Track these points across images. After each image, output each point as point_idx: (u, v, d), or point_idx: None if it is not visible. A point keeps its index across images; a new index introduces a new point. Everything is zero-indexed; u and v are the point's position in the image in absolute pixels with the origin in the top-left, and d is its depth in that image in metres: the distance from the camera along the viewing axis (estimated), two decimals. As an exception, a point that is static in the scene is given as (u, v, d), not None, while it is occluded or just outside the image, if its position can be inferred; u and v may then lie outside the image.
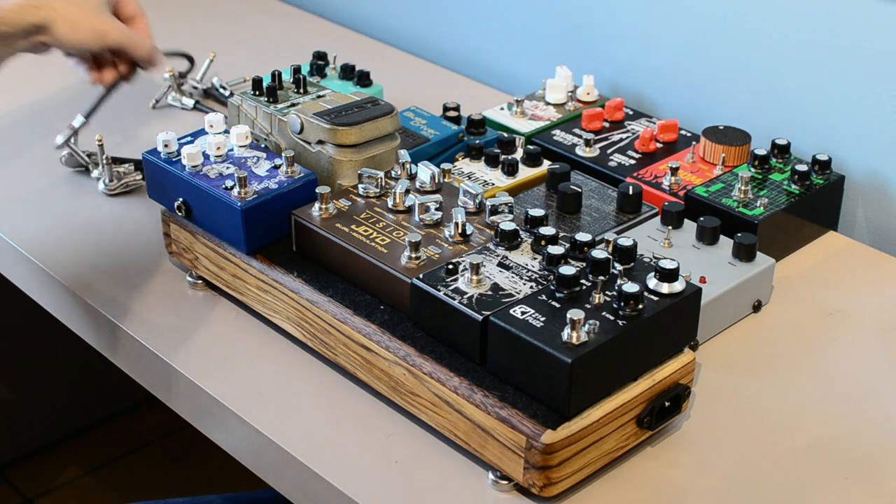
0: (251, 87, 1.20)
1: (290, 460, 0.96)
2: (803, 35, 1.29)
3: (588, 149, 1.26)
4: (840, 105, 1.29)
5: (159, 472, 2.06)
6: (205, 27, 1.75)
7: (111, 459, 2.07)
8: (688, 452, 0.96)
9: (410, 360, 0.96)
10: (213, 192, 1.08)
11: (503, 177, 1.18)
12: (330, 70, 1.42)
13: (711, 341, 1.08)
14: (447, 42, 1.68)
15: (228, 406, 1.01)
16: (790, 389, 1.02)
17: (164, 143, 1.13)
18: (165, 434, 2.10)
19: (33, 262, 1.20)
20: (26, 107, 1.52)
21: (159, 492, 1.95)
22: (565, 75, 1.38)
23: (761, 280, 1.10)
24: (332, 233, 1.04)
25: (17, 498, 2.01)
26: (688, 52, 1.41)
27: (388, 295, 1.00)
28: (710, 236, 1.11)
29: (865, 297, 1.15)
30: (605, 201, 1.14)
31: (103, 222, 1.27)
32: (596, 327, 0.88)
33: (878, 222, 1.28)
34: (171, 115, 1.48)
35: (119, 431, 2.10)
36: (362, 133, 1.11)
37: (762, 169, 1.21)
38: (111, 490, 2.02)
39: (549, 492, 0.90)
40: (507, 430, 0.89)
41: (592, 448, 0.90)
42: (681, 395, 0.95)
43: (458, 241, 1.02)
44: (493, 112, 1.34)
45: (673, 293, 0.93)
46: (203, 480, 2.01)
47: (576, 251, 0.97)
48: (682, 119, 1.39)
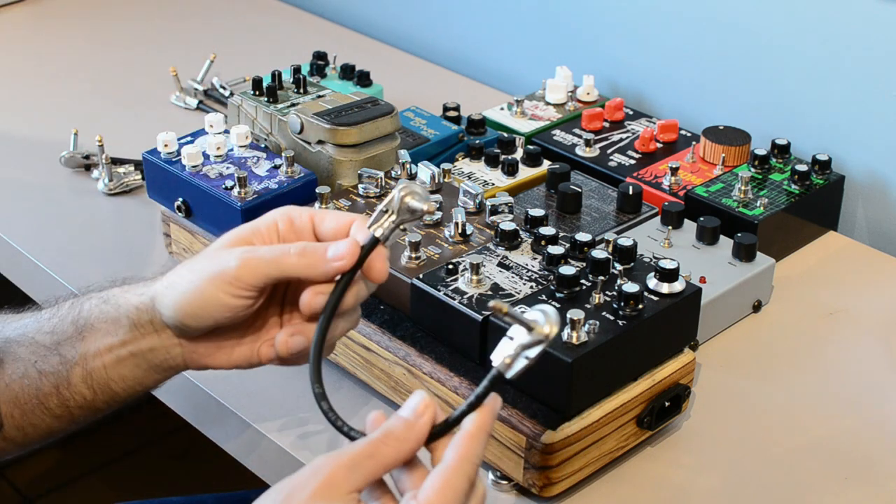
0: (251, 87, 1.20)
1: (290, 460, 0.96)
2: (803, 35, 1.29)
3: (588, 149, 1.26)
4: (840, 105, 1.29)
5: (159, 472, 2.06)
6: (205, 27, 1.75)
7: (111, 459, 2.07)
8: (688, 452, 0.96)
9: (410, 360, 0.96)
10: (213, 192, 1.08)
11: (503, 177, 1.18)
12: (330, 70, 1.42)
13: (711, 341, 1.08)
14: (447, 42, 1.68)
15: (228, 406, 1.01)
16: (790, 389, 1.02)
17: (164, 143, 1.13)
18: (165, 434, 2.10)
19: (33, 262, 1.20)
20: (26, 107, 1.52)
21: (159, 492, 1.95)
22: (565, 75, 1.38)
23: (761, 280, 1.10)
24: (332, 233, 1.04)
25: (17, 498, 2.01)
26: (688, 52, 1.41)
27: (388, 295, 1.00)
28: (710, 236, 1.11)
29: (865, 297, 1.15)
30: (605, 201, 1.14)
31: (103, 222, 1.27)
32: (596, 327, 0.88)
33: (878, 222, 1.28)
34: (171, 115, 1.48)
35: (119, 431, 2.10)
36: (362, 133, 1.11)
37: (762, 169, 1.21)
38: (111, 490, 2.01)
39: (549, 492, 0.90)
40: (507, 430, 0.89)
41: (592, 448, 0.90)
42: (681, 395, 0.95)
43: (458, 241, 1.02)
44: (493, 112, 1.34)
45: (673, 293, 0.93)
46: (203, 480, 2.01)
47: (576, 251, 0.97)
48: (682, 119, 1.39)
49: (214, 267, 0.79)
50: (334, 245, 0.79)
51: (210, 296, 0.79)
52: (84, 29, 1.74)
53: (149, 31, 1.73)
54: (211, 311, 0.79)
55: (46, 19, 1.76)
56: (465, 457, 0.70)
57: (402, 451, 0.70)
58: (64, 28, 1.73)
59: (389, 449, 0.69)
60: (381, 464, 0.69)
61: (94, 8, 1.80)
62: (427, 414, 0.71)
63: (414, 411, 0.71)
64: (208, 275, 0.79)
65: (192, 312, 0.80)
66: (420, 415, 0.71)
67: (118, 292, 0.86)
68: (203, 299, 0.79)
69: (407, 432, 0.70)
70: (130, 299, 0.84)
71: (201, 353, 0.84)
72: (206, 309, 0.79)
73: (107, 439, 2.09)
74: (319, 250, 0.78)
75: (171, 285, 0.82)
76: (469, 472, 0.70)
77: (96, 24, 1.75)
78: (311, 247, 0.79)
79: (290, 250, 0.78)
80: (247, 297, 0.79)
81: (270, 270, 0.78)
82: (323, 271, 0.78)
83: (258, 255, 0.78)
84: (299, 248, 0.79)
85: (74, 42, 1.69)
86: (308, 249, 0.79)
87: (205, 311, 0.79)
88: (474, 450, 0.70)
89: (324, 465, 0.68)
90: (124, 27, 1.75)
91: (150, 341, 0.83)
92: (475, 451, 0.70)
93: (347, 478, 0.68)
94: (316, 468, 0.68)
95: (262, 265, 0.78)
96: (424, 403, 0.71)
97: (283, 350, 0.82)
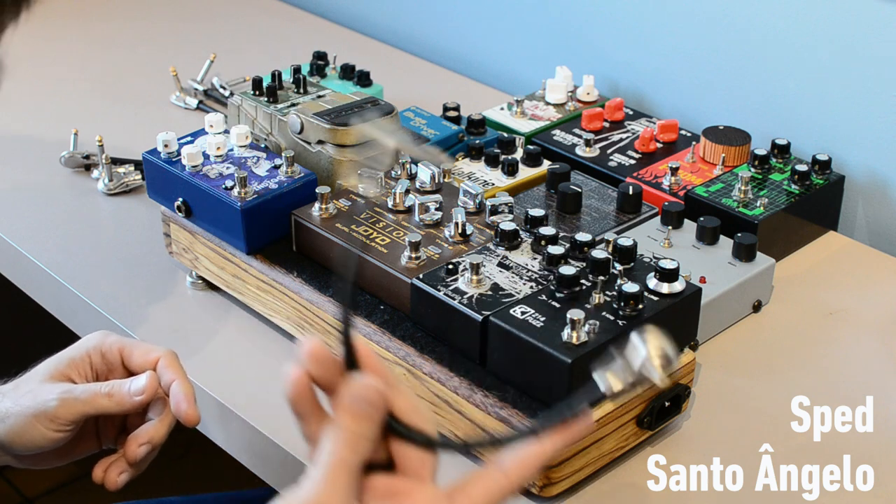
0: (251, 87, 1.20)
1: (290, 460, 0.96)
2: (803, 35, 1.29)
3: (588, 149, 1.26)
4: (840, 105, 1.29)
5: (159, 472, 2.06)
6: (205, 27, 1.75)
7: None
8: (688, 452, 0.96)
9: (410, 360, 0.96)
10: (213, 192, 1.08)
11: (503, 177, 1.18)
12: (330, 70, 1.42)
13: (711, 341, 1.08)
14: (447, 42, 1.68)
15: (228, 406, 1.01)
16: (790, 389, 1.02)
17: (164, 143, 1.13)
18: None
19: (33, 262, 1.20)
20: (26, 107, 1.52)
21: (159, 492, 1.95)
22: (565, 75, 1.38)
23: (761, 280, 1.10)
24: (332, 233, 1.04)
25: (17, 498, 2.01)
26: (688, 52, 1.41)
27: (388, 295, 1.00)
28: (710, 236, 1.11)
29: (865, 297, 1.15)
30: (605, 201, 1.14)
31: (103, 222, 1.27)
32: (596, 327, 0.88)
33: (878, 222, 1.28)
34: (171, 115, 1.48)
35: (119, 431, 2.10)
36: (362, 133, 1.11)
37: (762, 169, 1.21)
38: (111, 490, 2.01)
39: (549, 492, 0.90)
40: (507, 430, 0.89)
41: (592, 448, 0.90)
42: (681, 395, 0.95)
43: (458, 241, 1.01)
44: (493, 112, 1.34)
45: (673, 293, 0.93)
46: (203, 480, 2.00)
47: (576, 251, 0.97)
48: (682, 119, 1.39)
49: (37, 405, 0.90)
50: (136, 381, 0.92)
51: (35, 431, 0.90)
52: (84, 29, 1.74)
53: (149, 31, 1.73)
54: (36, 443, 0.91)
55: (46, 19, 1.76)
56: (522, 477, 0.68)
57: (372, 447, 0.67)
58: (64, 28, 1.73)
59: (361, 455, 0.66)
60: (360, 468, 0.66)
61: (94, 8, 1.80)
62: (381, 406, 0.67)
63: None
64: (31, 412, 0.90)
65: (20, 443, 0.91)
66: (377, 407, 0.67)
67: None
68: (28, 434, 0.91)
69: (368, 429, 0.66)
70: None
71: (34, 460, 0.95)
72: (32, 441, 0.91)
73: (107, 439, 2.09)
74: (124, 389, 0.91)
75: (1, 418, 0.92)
76: (514, 494, 0.69)
77: (96, 24, 1.75)
78: (117, 386, 0.91)
79: (101, 390, 0.91)
80: (66, 431, 0.91)
81: (86, 409, 0.91)
82: (130, 407, 0.91)
83: (74, 396, 0.91)
84: (108, 389, 0.91)
85: (74, 42, 1.69)
86: (114, 390, 0.91)
87: (31, 443, 0.91)
88: (535, 472, 0.69)
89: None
90: (124, 27, 1.75)
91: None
92: (535, 474, 0.70)
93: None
94: None
95: (79, 405, 0.90)
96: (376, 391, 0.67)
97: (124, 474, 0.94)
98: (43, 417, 0.90)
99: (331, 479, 0.65)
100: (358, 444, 0.66)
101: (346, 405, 0.66)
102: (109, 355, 0.94)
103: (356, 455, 0.66)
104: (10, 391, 0.93)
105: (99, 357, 0.94)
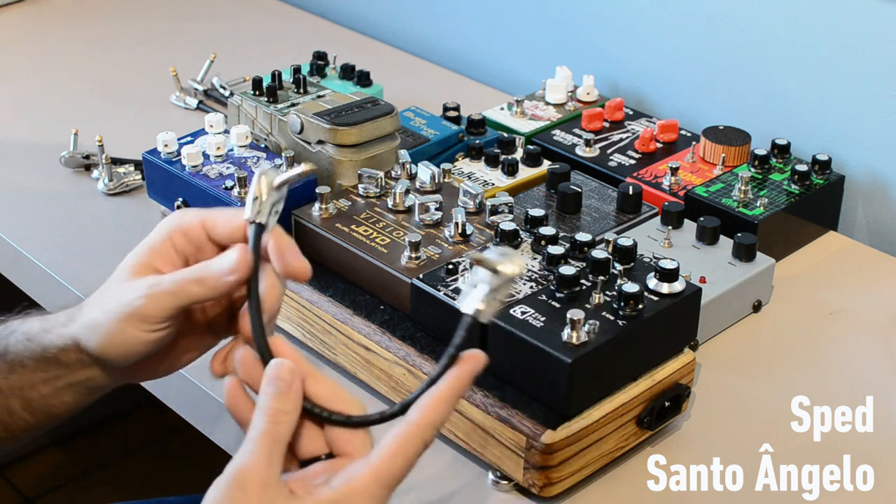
0: (251, 87, 1.20)
1: (290, 460, 0.96)
2: (803, 35, 1.29)
3: (588, 149, 1.26)
4: (840, 105, 1.29)
5: (159, 472, 2.06)
6: (205, 27, 1.75)
7: (111, 459, 2.07)
8: (688, 452, 0.96)
9: (410, 360, 0.96)
10: (213, 192, 1.08)
11: (503, 177, 1.18)
12: (330, 70, 1.42)
13: (711, 341, 1.08)
14: (447, 42, 1.68)
15: (228, 406, 1.01)
16: (790, 389, 1.02)
17: (164, 143, 1.13)
18: (165, 434, 2.10)
19: (33, 262, 1.20)
20: (26, 107, 1.52)
21: (159, 492, 1.95)
22: (565, 75, 1.38)
23: (761, 280, 1.10)
24: (332, 233, 1.04)
25: (18, 498, 2.01)
26: (688, 52, 1.41)
27: (388, 295, 1.00)
28: (710, 236, 1.11)
29: (865, 297, 1.15)
30: (605, 201, 1.14)
31: (103, 222, 1.27)
32: (596, 327, 0.88)
33: (878, 222, 1.28)
34: (171, 115, 1.48)
35: (119, 431, 2.10)
36: (362, 133, 1.11)
37: (762, 169, 1.21)
38: (111, 490, 2.01)
39: (549, 492, 0.90)
40: (507, 430, 0.89)
41: (592, 448, 0.90)
42: (681, 395, 0.95)
43: (458, 241, 1.02)
44: (493, 112, 1.34)
45: (673, 293, 0.93)
46: (203, 480, 2.00)
47: (576, 251, 0.97)
48: (682, 119, 1.39)
49: (124, 306, 0.80)
50: (225, 258, 0.79)
51: (128, 336, 0.80)
52: (84, 29, 1.74)
53: (149, 31, 1.73)
54: (133, 349, 0.80)
55: (46, 19, 1.76)
56: (429, 422, 0.71)
57: (293, 421, 0.72)
58: (64, 28, 1.73)
59: (283, 426, 0.72)
60: (283, 441, 0.71)
61: (94, 8, 1.80)
62: (295, 381, 0.72)
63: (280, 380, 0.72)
64: (120, 315, 0.80)
65: (117, 353, 0.81)
66: (290, 383, 0.72)
67: (39, 331, 0.85)
68: (124, 341, 0.80)
69: (285, 403, 0.72)
70: (54, 341, 0.84)
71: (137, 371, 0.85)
72: (129, 348, 0.80)
73: (107, 439, 2.09)
74: (214, 271, 0.79)
75: (90, 328, 0.82)
76: (428, 439, 0.71)
77: (96, 24, 1.75)
78: (205, 268, 0.79)
79: (189, 276, 0.79)
80: (162, 329, 0.80)
81: (176, 301, 0.79)
82: (225, 288, 0.79)
83: (162, 289, 0.79)
84: (196, 274, 0.79)
85: (74, 42, 1.69)
86: (203, 273, 0.79)
87: (129, 350, 0.80)
88: (442, 414, 0.71)
89: (246, 477, 0.71)
90: (124, 27, 1.75)
91: (85, 373, 0.84)
92: (442, 416, 0.71)
93: (271, 473, 0.70)
94: (239, 483, 0.71)
95: (168, 298, 0.79)
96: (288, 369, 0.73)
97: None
98: (133, 319, 0.79)
99: (254, 448, 0.71)
100: (277, 416, 0.71)
101: (263, 385, 0.73)
102: (193, 232, 0.82)
103: (277, 426, 0.71)
104: (94, 301, 0.83)
105: (182, 238, 0.82)
